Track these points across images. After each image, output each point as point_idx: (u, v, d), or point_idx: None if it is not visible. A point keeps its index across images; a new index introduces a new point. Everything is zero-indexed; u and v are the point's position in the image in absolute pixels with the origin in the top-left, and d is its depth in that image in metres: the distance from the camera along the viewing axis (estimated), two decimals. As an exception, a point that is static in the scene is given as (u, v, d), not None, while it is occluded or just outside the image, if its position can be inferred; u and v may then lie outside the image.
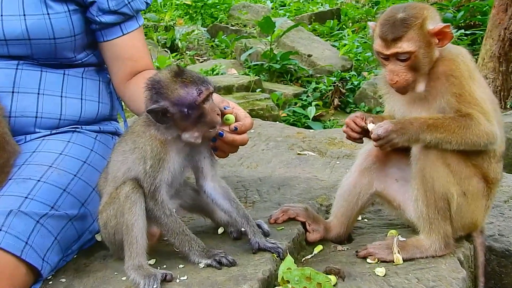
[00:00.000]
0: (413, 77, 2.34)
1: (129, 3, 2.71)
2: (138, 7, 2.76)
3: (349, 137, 2.47)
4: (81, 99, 2.73)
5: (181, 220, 2.24)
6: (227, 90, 7.35)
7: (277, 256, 2.25)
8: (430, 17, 2.34)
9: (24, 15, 2.54)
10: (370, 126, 2.35)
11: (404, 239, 2.39)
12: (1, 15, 2.54)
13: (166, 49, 10.44)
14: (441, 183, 2.31)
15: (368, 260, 2.36)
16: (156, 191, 2.20)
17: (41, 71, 2.65)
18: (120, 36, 2.75)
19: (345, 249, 2.51)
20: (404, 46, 2.29)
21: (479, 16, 9.78)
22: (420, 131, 2.27)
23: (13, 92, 2.58)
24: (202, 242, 2.23)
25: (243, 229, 2.35)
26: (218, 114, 2.18)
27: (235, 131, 2.26)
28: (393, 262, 2.33)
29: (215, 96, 2.28)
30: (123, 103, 3.00)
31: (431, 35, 2.31)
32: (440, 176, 2.31)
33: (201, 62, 10.01)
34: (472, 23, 9.85)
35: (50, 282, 2.29)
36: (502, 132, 2.44)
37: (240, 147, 2.37)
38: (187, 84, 2.13)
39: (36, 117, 2.62)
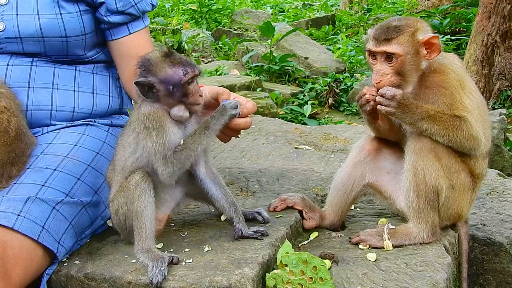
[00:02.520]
0: (398, 82, 2.31)
1: (135, 4, 2.70)
2: (144, 8, 2.74)
3: (365, 102, 2.36)
4: (93, 93, 2.72)
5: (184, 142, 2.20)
6: (230, 89, 7.14)
7: (257, 238, 2.26)
8: (422, 29, 2.33)
9: (38, 14, 2.53)
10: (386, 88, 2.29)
11: (394, 227, 2.38)
12: (17, 14, 2.54)
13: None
14: (432, 176, 2.30)
15: (360, 246, 2.36)
16: (169, 154, 2.17)
17: (54, 67, 2.64)
18: (127, 35, 2.74)
19: (339, 236, 2.51)
20: (393, 47, 2.28)
21: (464, 23, 9.77)
22: (420, 117, 2.26)
23: (28, 87, 2.58)
24: (208, 119, 2.20)
25: (229, 215, 2.33)
26: (200, 96, 2.20)
27: (238, 115, 2.25)
28: (383, 248, 2.32)
29: (223, 90, 2.33)
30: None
31: (420, 45, 2.30)
32: (431, 169, 2.30)
33: (206, 63, 9.99)
34: (457, 30, 9.84)
35: (65, 264, 2.28)
36: (489, 131, 2.43)
37: (242, 141, 2.36)
38: (174, 64, 2.17)
39: (51, 110, 2.61)
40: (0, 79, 2.51)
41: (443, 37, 9.08)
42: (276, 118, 4.76)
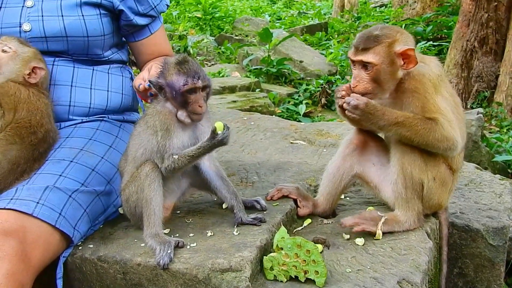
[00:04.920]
0: (373, 88, 2.25)
1: (155, 6, 2.75)
2: (161, 10, 2.80)
3: (339, 96, 2.32)
4: (107, 91, 2.72)
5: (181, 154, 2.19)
6: (231, 89, 7.31)
7: (255, 225, 2.26)
8: (401, 40, 2.24)
9: (62, 16, 2.55)
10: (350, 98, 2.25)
11: (383, 215, 2.36)
12: (42, 16, 2.55)
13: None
14: (417, 170, 2.30)
15: (344, 235, 2.34)
16: (166, 155, 2.18)
17: (74, 66, 2.65)
18: (149, 36, 2.79)
19: (330, 222, 2.51)
20: (369, 56, 2.22)
21: (445, 30, 9.74)
22: (388, 123, 2.21)
23: (50, 84, 2.58)
24: (203, 143, 2.16)
25: (230, 204, 2.33)
26: (200, 106, 2.17)
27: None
28: (374, 236, 2.30)
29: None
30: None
31: (397, 55, 2.23)
32: (416, 163, 2.29)
33: (209, 66, 9.96)
34: (439, 36, 9.81)
35: (80, 248, 2.29)
36: (465, 130, 2.41)
37: (241, 136, 2.36)
38: (180, 73, 2.16)
39: (70, 105, 2.62)
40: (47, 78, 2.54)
41: (426, 43, 9.06)
42: (274, 116, 4.75)
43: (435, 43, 9.23)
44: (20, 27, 2.55)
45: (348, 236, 2.32)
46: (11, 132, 2.35)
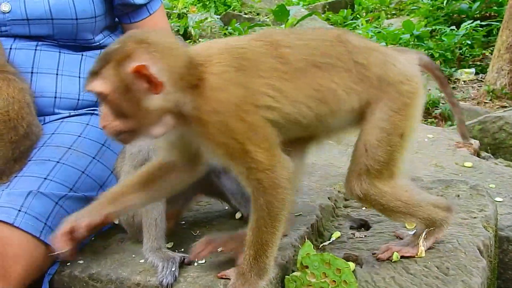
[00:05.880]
0: (124, 126, 1.82)
1: None
2: None
3: None
4: None
5: None
6: (241, 77, 7.33)
7: None
8: (139, 56, 1.76)
9: None
10: None
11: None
12: None
13: (179, 37, 10.41)
14: None
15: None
16: None
17: (59, 52, 2.66)
18: (147, 17, 2.80)
19: (363, 236, 2.50)
20: (95, 84, 1.80)
21: (495, 7, 9.68)
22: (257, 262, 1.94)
23: (32, 72, 2.60)
24: None
25: (246, 212, 2.34)
26: None
27: None
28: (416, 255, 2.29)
29: None
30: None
31: (132, 77, 1.76)
32: None
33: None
34: (488, 14, 9.75)
35: (68, 264, 2.29)
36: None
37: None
38: None
39: (55, 97, 2.63)
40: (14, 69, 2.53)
41: (472, 22, 9.00)
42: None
43: (483, 23, 9.17)
44: None
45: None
46: None
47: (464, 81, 8.06)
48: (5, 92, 2.41)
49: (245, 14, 12.10)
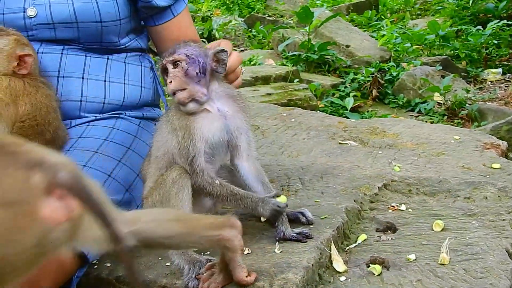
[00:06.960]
0: None
1: None
2: None
3: None
4: (124, 83, 2.75)
5: (226, 182, 2.23)
6: (265, 80, 7.33)
7: (300, 241, 2.24)
8: None
9: None
10: None
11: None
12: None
13: (203, 40, 10.44)
14: None
15: (408, 255, 2.29)
16: (193, 161, 2.20)
17: (85, 56, 2.68)
18: (171, 19, 2.79)
19: (389, 238, 2.48)
20: None
21: (524, 6, 9.57)
22: None
23: (58, 76, 2.63)
24: (255, 195, 2.23)
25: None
26: (170, 82, 2.21)
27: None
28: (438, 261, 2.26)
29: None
30: (165, 89, 3.02)
31: None
32: None
33: (239, 52, 10.02)
34: (515, 14, 9.64)
35: (95, 267, 2.31)
36: None
37: (281, 136, 2.36)
38: None
39: (81, 101, 2.66)
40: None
41: (498, 22, 8.90)
42: (318, 112, 4.74)
43: (510, 22, 9.06)
44: (24, 12, 2.60)
45: (413, 257, 2.29)
46: (17, 134, 2.39)
47: (491, 81, 7.98)
48: (33, 98, 2.44)
49: (269, 16, 12.11)
